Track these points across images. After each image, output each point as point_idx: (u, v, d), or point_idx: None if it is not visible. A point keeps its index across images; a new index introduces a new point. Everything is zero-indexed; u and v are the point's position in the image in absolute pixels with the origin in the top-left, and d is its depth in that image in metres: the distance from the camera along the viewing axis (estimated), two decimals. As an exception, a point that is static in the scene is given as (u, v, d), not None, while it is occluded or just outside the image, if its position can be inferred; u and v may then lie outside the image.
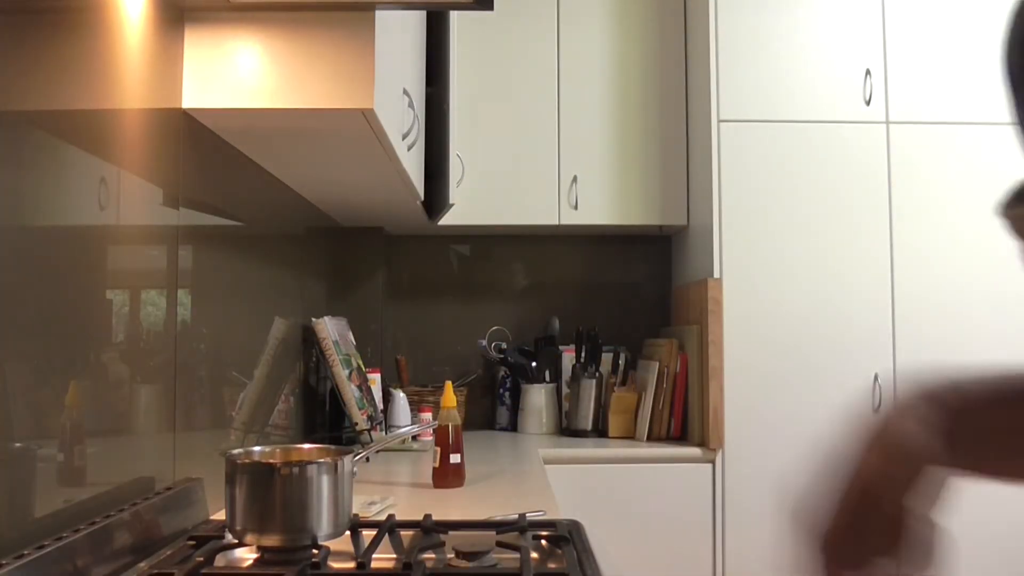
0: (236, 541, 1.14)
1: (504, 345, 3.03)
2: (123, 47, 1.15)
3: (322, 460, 1.13)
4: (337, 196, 2.29)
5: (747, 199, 2.65)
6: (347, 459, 1.15)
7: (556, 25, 2.82)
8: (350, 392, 2.19)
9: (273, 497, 1.09)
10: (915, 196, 2.71)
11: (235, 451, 1.17)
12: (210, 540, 1.16)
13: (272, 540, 1.09)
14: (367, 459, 2.03)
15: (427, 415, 2.48)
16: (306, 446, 1.27)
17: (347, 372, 2.22)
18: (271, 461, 1.18)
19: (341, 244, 2.85)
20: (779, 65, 2.73)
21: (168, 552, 1.12)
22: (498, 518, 1.35)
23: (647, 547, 2.46)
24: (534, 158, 2.81)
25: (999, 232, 2.75)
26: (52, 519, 0.97)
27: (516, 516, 1.31)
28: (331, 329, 2.22)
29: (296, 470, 1.10)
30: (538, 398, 2.88)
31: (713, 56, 2.72)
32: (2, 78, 0.89)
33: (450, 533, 1.23)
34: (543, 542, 1.21)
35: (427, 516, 1.29)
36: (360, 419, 2.19)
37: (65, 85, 1.01)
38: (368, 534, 1.21)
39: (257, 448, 1.24)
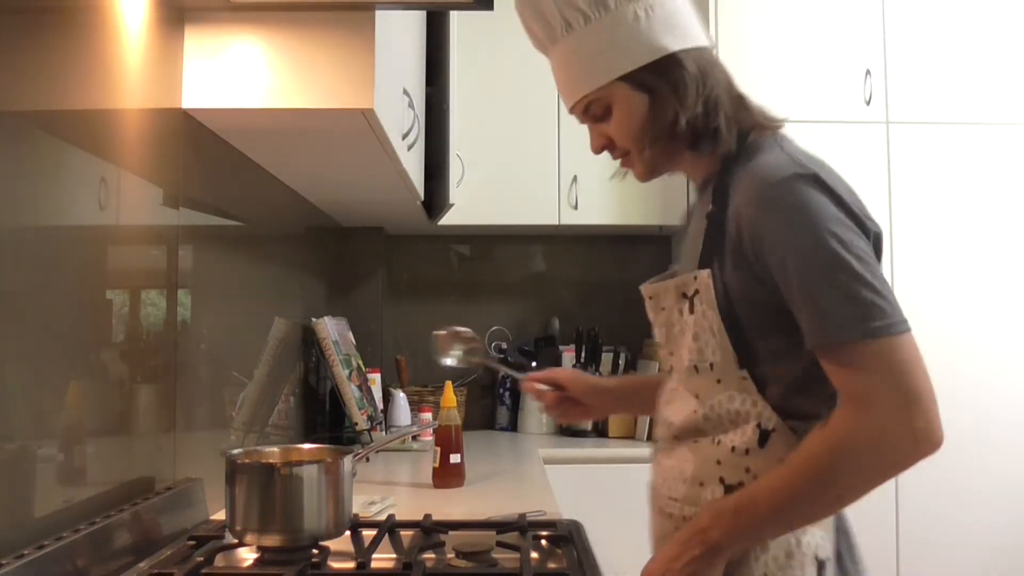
0: (236, 541, 1.14)
1: (504, 345, 3.03)
2: (123, 47, 1.15)
3: (322, 460, 1.13)
4: (337, 196, 2.29)
5: (747, 199, 2.65)
6: (347, 459, 1.15)
7: (556, 25, 2.82)
8: (350, 392, 2.19)
9: (273, 497, 1.09)
10: (915, 196, 2.71)
11: (235, 451, 1.17)
12: (210, 540, 1.16)
13: (272, 540, 1.09)
14: (367, 459, 2.03)
15: (427, 415, 2.48)
16: (306, 446, 1.27)
17: (347, 372, 2.22)
18: (271, 461, 1.18)
19: (341, 244, 2.85)
20: (779, 65, 2.73)
21: (168, 552, 1.12)
22: (498, 518, 1.35)
23: (647, 547, 2.46)
24: (534, 158, 2.81)
25: (998, 232, 2.75)
26: (52, 519, 0.97)
27: (516, 516, 1.31)
28: (331, 329, 2.22)
29: (296, 470, 1.10)
30: (538, 398, 2.88)
31: (713, 56, 2.72)
32: (2, 78, 0.89)
33: (450, 533, 1.23)
34: (543, 542, 1.21)
35: (427, 516, 1.29)
36: (360, 419, 2.19)
37: (65, 85, 1.01)
38: (368, 534, 1.21)
39: (257, 448, 1.25)
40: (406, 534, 1.25)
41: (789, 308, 0.97)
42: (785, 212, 0.97)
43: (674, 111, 1.06)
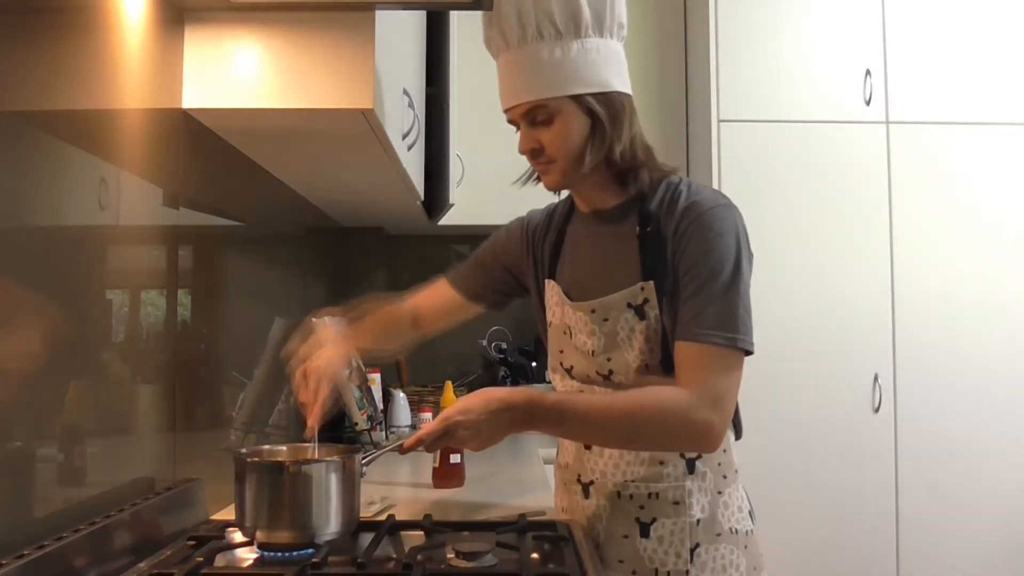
0: (237, 541, 1.14)
1: (504, 345, 3.03)
2: (123, 47, 1.15)
3: (332, 459, 1.13)
4: (337, 196, 2.29)
5: (747, 199, 2.63)
6: (357, 458, 1.16)
7: (556, 25, 2.81)
8: (350, 392, 2.19)
9: (282, 495, 1.09)
10: (915, 196, 2.71)
11: (243, 450, 1.17)
12: (210, 540, 1.16)
13: (281, 537, 1.09)
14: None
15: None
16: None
17: (347, 372, 2.21)
18: (281, 459, 1.18)
19: (341, 244, 2.85)
20: (779, 65, 2.73)
21: (168, 552, 1.12)
22: (498, 518, 1.35)
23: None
24: (534, 158, 2.80)
25: (998, 232, 2.74)
26: (52, 519, 0.97)
27: (516, 516, 1.31)
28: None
29: (306, 468, 1.10)
30: (538, 398, 2.88)
31: (713, 56, 2.72)
32: (2, 78, 0.89)
33: (450, 533, 1.23)
34: (543, 542, 1.21)
35: (427, 516, 1.30)
36: (360, 419, 2.19)
37: (65, 85, 1.01)
38: (368, 534, 1.21)
39: (266, 447, 1.25)
40: (406, 534, 1.25)
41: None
42: (714, 230, 1.16)
43: (610, 141, 1.22)
